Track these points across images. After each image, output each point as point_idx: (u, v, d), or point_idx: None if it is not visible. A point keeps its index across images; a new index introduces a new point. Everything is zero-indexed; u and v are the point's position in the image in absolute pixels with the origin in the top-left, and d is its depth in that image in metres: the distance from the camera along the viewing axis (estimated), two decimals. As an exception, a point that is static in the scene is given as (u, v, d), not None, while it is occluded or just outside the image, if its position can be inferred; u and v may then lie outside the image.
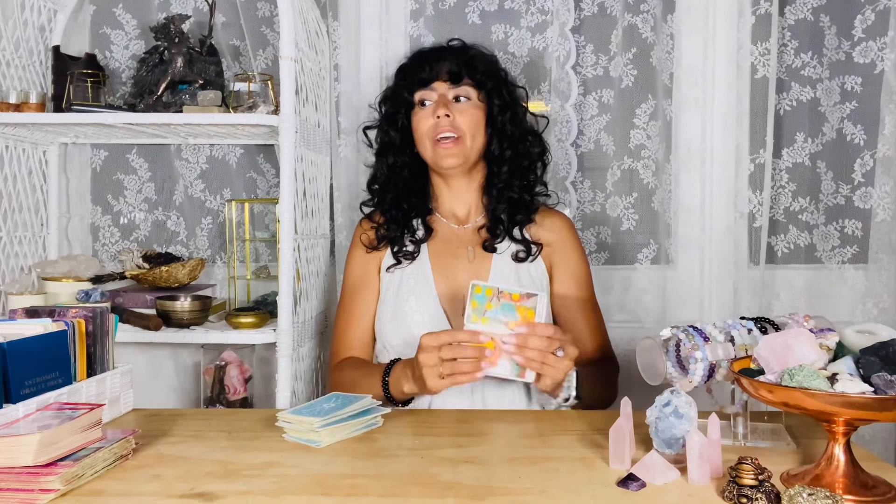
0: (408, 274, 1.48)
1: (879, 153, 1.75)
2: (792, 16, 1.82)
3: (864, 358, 0.86)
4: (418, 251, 1.50)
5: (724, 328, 1.08)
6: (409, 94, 1.50)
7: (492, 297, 1.17)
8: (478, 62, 1.50)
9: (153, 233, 2.02)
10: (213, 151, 1.99)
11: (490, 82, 1.49)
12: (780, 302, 1.84)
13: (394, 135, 1.53)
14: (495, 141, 1.49)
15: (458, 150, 1.45)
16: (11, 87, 1.71)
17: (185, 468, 0.96)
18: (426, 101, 1.48)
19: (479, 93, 1.48)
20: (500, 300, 1.17)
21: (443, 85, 1.47)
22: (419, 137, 1.48)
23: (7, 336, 1.00)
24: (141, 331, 1.64)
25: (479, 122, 1.47)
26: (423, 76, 1.48)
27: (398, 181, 1.55)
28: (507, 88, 1.52)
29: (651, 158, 1.85)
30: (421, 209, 1.55)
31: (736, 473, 0.84)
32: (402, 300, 1.45)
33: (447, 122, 1.44)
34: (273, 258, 1.96)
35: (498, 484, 0.90)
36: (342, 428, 1.06)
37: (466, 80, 1.47)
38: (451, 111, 1.45)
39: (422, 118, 1.48)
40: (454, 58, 1.49)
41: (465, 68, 1.48)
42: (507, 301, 1.17)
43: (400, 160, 1.54)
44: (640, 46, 1.84)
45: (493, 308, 1.17)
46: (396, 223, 1.53)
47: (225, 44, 1.91)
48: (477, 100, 1.48)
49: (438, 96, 1.47)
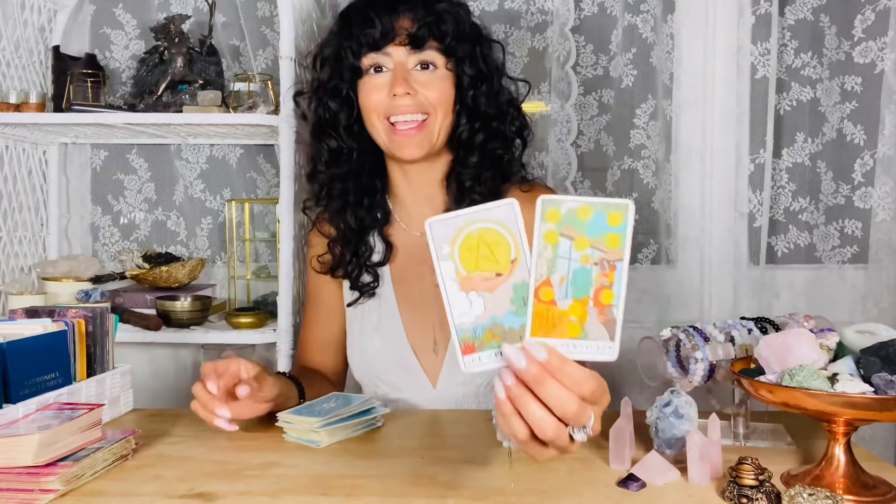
0: (370, 308, 1.28)
1: (879, 153, 1.75)
2: (792, 16, 1.82)
3: (865, 358, 0.86)
4: (378, 282, 1.27)
5: (724, 328, 1.08)
6: (354, 57, 1.17)
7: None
8: (447, 18, 1.17)
9: (153, 233, 2.02)
10: (213, 151, 1.99)
11: (462, 47, 1.18)
12: (780, 302, 1.84)
13: (335, 108, 1.21)
14: (464, 121, 1.20)
15: (422, 137, 1.16)
16: (11, 87, 1.70)
17: (185, 468, 0.96)
18: (378, 67, 1.17)
19: (447, 60, 1.17)
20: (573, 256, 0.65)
21: (400, 49, 1.15)
22: (367, 113, 1.19)
23: (7, 336, 1.00)
24: (141, 331, 1.64)
25: (448, 96, 1.18)
26: (374, 35, 1.14)
27: (346, 177, 1.25)
28: (483, 51, 1.21)
29: (651, 158, 1.85)
30: (377, 218, 1.28)
31: (736, 474, 0.83)
32: (365, 341, 1.27)
33: (409, 103, 1.15)
34: (273, 258, 1.95)
35: (498, 484, 0.90)
36: (342, 428, 1.06)
37: (432, 43, 1.15)
38: (412, 87, 1.14)
39: (372, 90, 1.17)
40: (414, 11, 1.15)
41: (430, 28, 1.15)
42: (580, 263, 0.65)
43: (346, 144, 1.23)
44: (640, 46, 1.84)
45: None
46: (349, 243, 1.27)
47: (225, 44, 1.91)
48: (444, 68, 1.18)
49: (395, 65, 1.15)
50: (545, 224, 0.64)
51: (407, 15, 1.15)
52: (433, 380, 1.25)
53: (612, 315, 0.65)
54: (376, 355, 1.26)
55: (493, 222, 0.65)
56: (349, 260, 1.27)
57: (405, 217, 1.30)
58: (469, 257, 0.66)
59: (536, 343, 0.63)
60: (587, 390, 0.64)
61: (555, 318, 0.65)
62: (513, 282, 0.65)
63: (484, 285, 0.66)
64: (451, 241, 0.66)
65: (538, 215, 0.64)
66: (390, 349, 1.25)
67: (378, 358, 1.26)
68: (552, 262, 0.65)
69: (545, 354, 0.62)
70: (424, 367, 1.25)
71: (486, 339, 0.66)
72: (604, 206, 0.64)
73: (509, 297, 0.66)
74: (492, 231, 0.65)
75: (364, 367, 1.28)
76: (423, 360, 1.25)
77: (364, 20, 1.15)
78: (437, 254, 0.66)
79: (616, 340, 0.65)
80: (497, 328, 0.66)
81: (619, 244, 0.65)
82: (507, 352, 0.64)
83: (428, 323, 1.25)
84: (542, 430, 0.63)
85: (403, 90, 1.13)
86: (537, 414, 0.63)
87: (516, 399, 0.63)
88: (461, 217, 0.65)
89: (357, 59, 1.17)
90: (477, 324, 0.66)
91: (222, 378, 1.03)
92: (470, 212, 0.65)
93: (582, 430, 0.65)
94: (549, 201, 0.64)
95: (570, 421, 0.64)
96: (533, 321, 0.65)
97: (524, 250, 0.65)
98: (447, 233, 0.66)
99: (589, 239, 0.65)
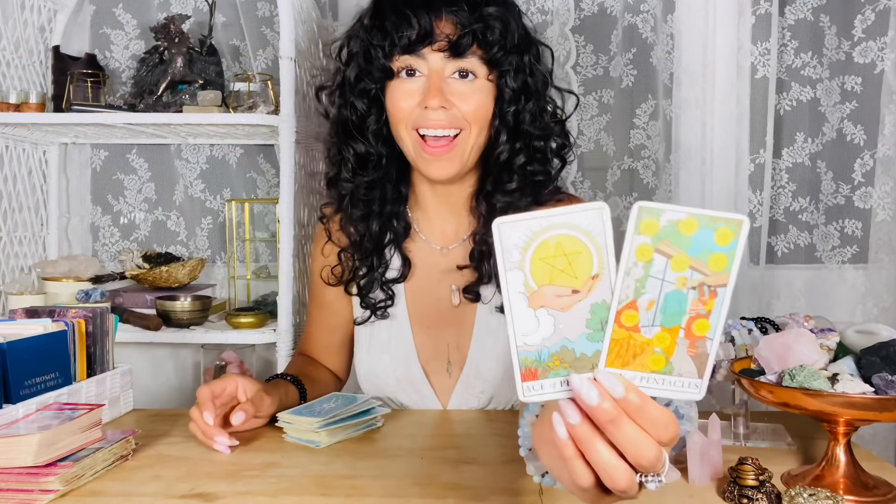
0: (381, 324, 1.20)
1: (879, 153, 1.75)
2: (792, 16, 1.82)
3: (865, 358, 0.86)
4: (392, 301, 1.19)
5: (725, 328, 1.08)
6: (385, 58, 1.04)
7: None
8: (494, 25, 1.02)
9: (153, 233, 2.02)
10: (213, 151, 1.99)
11: (509, 59, 1.04)
12: (780, 302, 1.84)
13: (362, 109, 1.10)
14: (504, 139, 1.07)
15: (453, 155, 1.05)
16: (11, 87, 1.71)
17: (185, 468, 0.96)
18: (411, 70, 1.05)
19: (489, 70, 1.05)
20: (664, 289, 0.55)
21: (437, 55, 1.03)
22: (394, 122, 1.07)
23: (7, 336, 1.00)
24: (141, 331, 1.64)
25: (486, 111, 1.05)
26: (410, 37, 1.02)
27: (373, 185, 1.14)
28: (531, 60, 1.07)
29: (651, 158, 1.85)
30: (398, 231, 1.18)
31: (737, 474, 0.83)
32: (374, 358, 1.20)
33: (442, 117, 1.03)
34: (273, 258, 1.95)
35: (498, 484, 0.90)
36: (342, 428, 1.06)
37: (475, 50, 1.02)
38: (447, 100, 1.03)
39: (402, 96, 1.05)
40: (457, 13, 1.01)
41: (475, 35, 1.01)
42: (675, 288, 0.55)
43: (374, 150, 1.12)
44: (640, 46, 1.84)
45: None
46: (367, 255, 1.17)
47: (225, 44, 1.91)
48: (485, 79, 1.05)
49: (430, 71, 1.03)
50: (639, 236, 0.53)
51: (449, 16, 1.02)
52: (444, 401, 1.21)
53: (705, 349, 0.54)
54: (385, 374, 1.19)
55: (574, 229, 0.54)
56: (363, 274, 1.19)
57: (426, 228, 1.20)
58: (542, 268, 0.55)
59: (612, 375, 0.52)
60: (668, 435, 0.52)
61: (636, 347, 0.55)
62: (591, 301, 0.55)
63: (557, 303, 0.55)
64: (522, 247, 0.55)
65: (631, 224, 0.53)
66: (400, 369, 1.19)
67: (388, 377, 1.19)
68: (642, 283, 0.54)
69: (622, 390, 0.51)
70: (436, 389, 1.20)
71: (551, 365, 0.55)
72: (712, 220, 0.53)
73: (585, 319, 0.55)
74: (572, 239, 0.54)
75: (372, 384, 1.23)
76: (435, 382, 1.20)
77: (399, 18, 1.02)
78: (504, 261, 0.55)
79: (705, 378, 0.55)
80: (566, 353, 0.56)
81: (724, 267, 0.53)
82: (575, 383, 0.52)
83: (442, 343, 1.19)
84: (611, 478, 0.52)
85: (438, 103, 1.02)
86: (607, 460, 0.52)
87: (581, 441, 0.52)
88: (538, 220, 0.54)
89: (388, 60, 1.05)
90: (543, 347, 0.56)
91: (219, 399, 1.03)
92: (548, 214, 0.54)
93: (655, 479, 0.54)
94: (647, 209, 0.53)
95: (645, 469, 0.53)
96: (610, 349, 0.55)
97: (609, 265, 0.54)
98: (519, 237, 0.55)
99: (690, 258, 0.53)
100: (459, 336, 1.19)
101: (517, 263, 0.55)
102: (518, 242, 0.55)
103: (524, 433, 0.67)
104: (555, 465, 0.56)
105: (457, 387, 1.20)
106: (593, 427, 0.52)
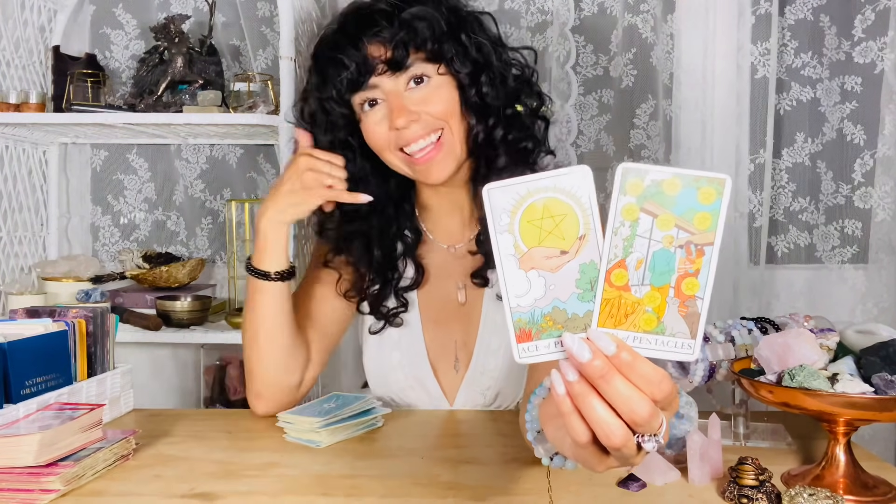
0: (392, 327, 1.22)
1: (879, 153, 1.75)
2: (792, 16, 1.82)
3: (865, 358, 0.86)
4: (406, 308, 1.20)
5: (724, 328, 1.08)
6: (340, 106, 1.07)
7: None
8: (418, 24, 1.03)
9: (153, 233, 2.02)
10: (213, 151, 1.99)
11: (447, 46, 1.04)
12: (780, 302, 1.84)
13: (350, 156, 1.11)
14: (476, 122, 1.07)
15: (444, 155, 1.06)
16: (11, 87, 1.71)
17: (185, 468, 0.96)
18: (371, 101, 1.07)
19: (437, 66, 1.05)
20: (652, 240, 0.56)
21: (383, 78, 1.04)
22: (378, 150, 1.09)
23: (7, 336, 1.00)
24: (141, 331, 1.64)
25: (454, 104, 1.06)
26: (349, 77, 1.04)
27: (368, 216, 1.14)
28: (472, 35, 1.07)
29: (651, 158, 1.85)
30: (409, 242, 1.20)
31: (737, 474, 0.83)
32: (384, 356, 1.21)
33: (416, 129, 1.04)
34: (273, 258, 1.95)
35: (498, 484, 0.90)
36: (342, 428, 1.06)
37: (414, 56, 1.03)
38: (412, 113, 1.04)
39: (373, 127, 1.07)
40: (380, 33, 1.03)
41: (405, 44, 1.02)
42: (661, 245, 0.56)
43: (359, 167, 1.12)
44: (640, 46, 1.84)
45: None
46: (379, 272, 1.18)
47: (225, 44, 1.91)
48: (437, 75, 1.05)
49: (386, 94, 1.05)
50: (624, 197, 0.54)
51: (374, 39, 1.03)
52: (451, 398, 1.22)
53: (695, 308, 0.55)
54: (394, 371, 1.21)
55: (560, 192, 0.55)
56: (377, 290, 1.19)
57: (432, 228, 1.22)
58: (531, 230, 0.56)
59: (603, 334, 0.54)
60: (661, 392, 0.53)
61: (627, 306, 0.56)
62: (579, 261, 0.56)
63: (546, 264, 0.56)
64: (510, 210, 0.56)
65: (616, 186, 0.54)
66: (409, 366, 1.20)
67: (396, 374, 1.21)
68: (629, 242, 0.55)
69: (613, 347, 0.53)
70: (443, 386, 1.22)
71: (545, 325, 0.56)
72: (695, 179, 0.54)
73: (574, 280, 0.56)
74: (558, 202, 0.55)
75: (379, 380, 1.24)
76: (443, 379, 1.21)
77: (335, 65, 1.04)
78: (495, 225, 0.56)
79: (698, 339, 0.55)
80: (558, 314, 0.56)
81: (710, 225, 0.54)
82: (568, 342, 0.54)
83: (450, 340, 1.21)
84: (607, 434, 0.53)
85: (404, 121, 1.03)
86: (602, 415, 0.53)
87: (577, 397, 0.54)
88: (524, 184, 0.56)
89: (344, 107, 1.07)
90: (535, 308, 0.57)
91: None
92: (534, 178, 0.56)
93: (652, 439, 0.55)
94: (630, 170, 0.54)
95: (640, 427, 0.53)
96: (601, 308, 0.56)
97: (595, 226, 0.55)
98: (507, 201, 0.56)
99: (675, 217, 0.55)
100: (466, 333, 1.21)
101: (507, 227, 0.56)
102: (507, 206, 0.56)
103: (532, 416, 0.68)
104: (559, 436, 0.57)
105: (463, 383, 1.21)
106: (588, 385, 0.53)
